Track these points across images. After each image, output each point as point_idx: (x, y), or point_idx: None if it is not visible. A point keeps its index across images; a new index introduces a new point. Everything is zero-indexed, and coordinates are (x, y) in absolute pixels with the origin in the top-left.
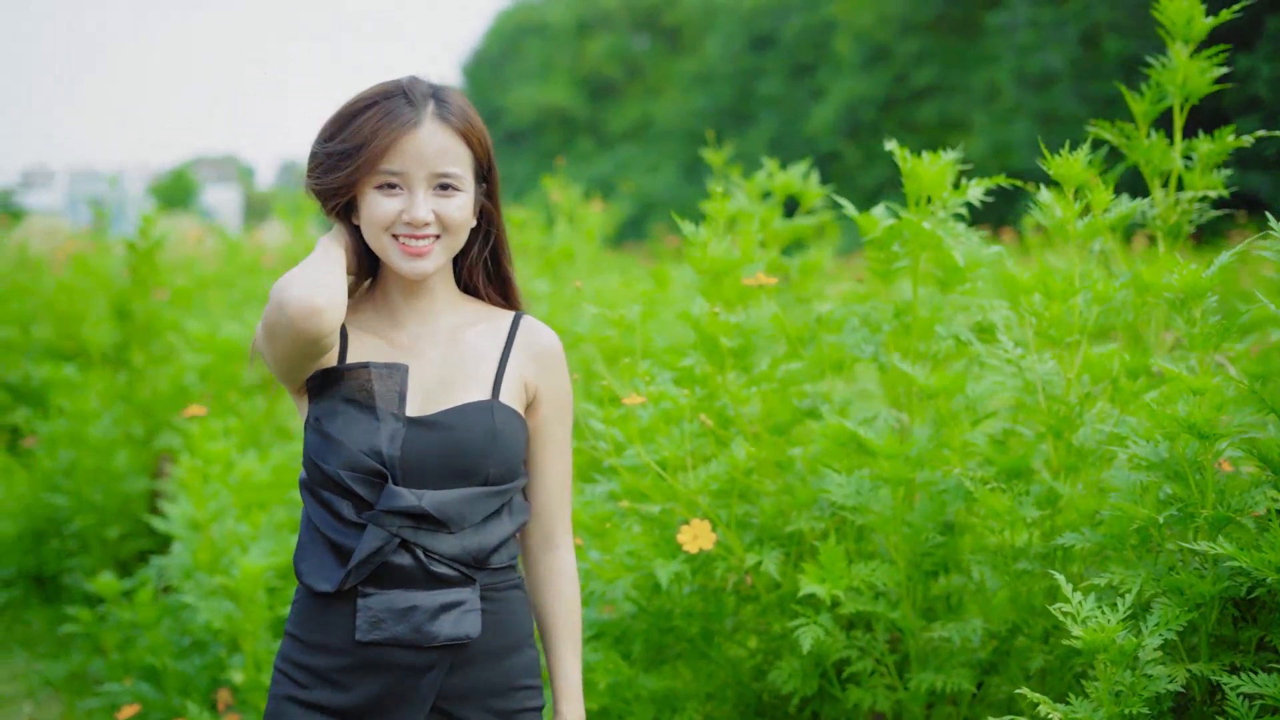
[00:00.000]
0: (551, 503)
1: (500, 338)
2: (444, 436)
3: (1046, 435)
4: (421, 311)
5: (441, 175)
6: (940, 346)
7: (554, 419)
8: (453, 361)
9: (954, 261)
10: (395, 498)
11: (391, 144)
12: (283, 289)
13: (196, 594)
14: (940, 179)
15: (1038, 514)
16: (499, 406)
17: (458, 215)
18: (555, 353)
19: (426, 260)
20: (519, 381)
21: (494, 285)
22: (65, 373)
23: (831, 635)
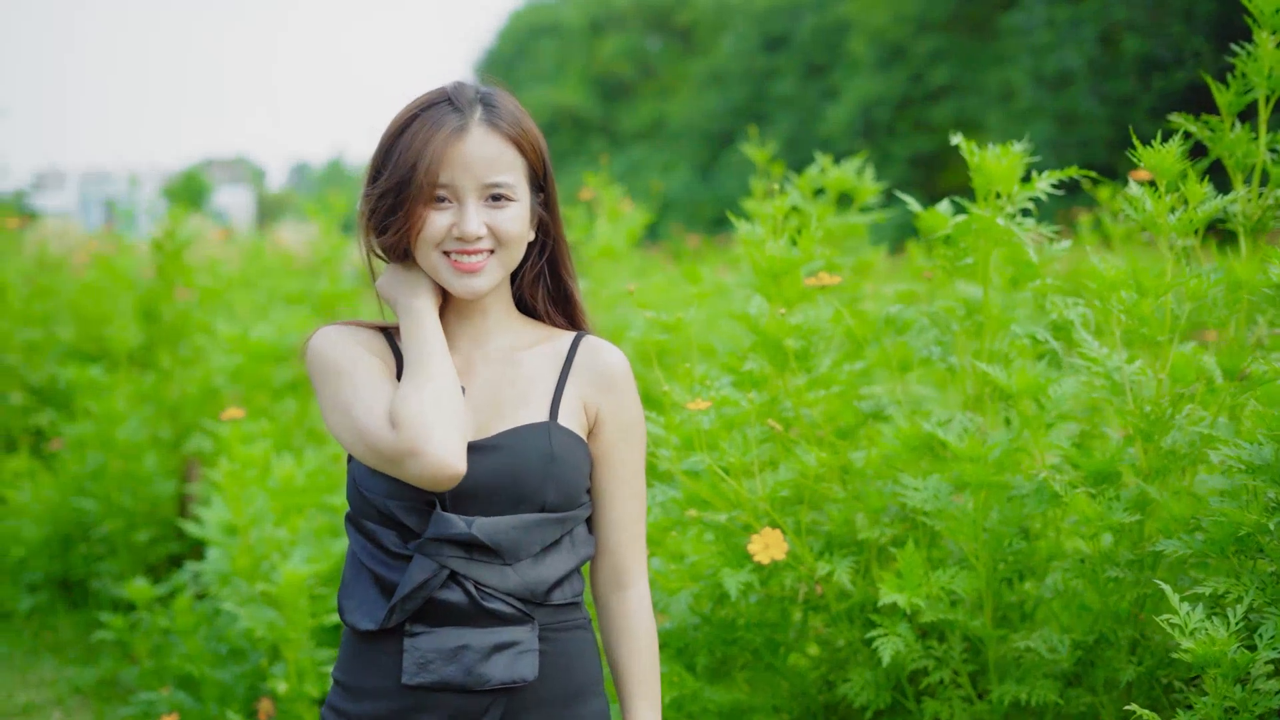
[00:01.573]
0: (621, 537)
1: (559, 359)
2: (498, 460)
3: (1135, 438)
4: (476, 332)
5: (492, 186)
6: (1014, 346)
7: (620, 444)
8: (507, 384)
9: (1026, 257)
10: (444, 524)
11: (438, 157)
12: (420, 437)
13: (235, 600)
14: (1010, 172)
15: (1130, 519)
16: (556, 429)
17: (512, 227)
18: (619, 373)
19: (480, 277)
20: (579, 404)
21: (555, 304)
22: (92, 374)
23: (909, 645)
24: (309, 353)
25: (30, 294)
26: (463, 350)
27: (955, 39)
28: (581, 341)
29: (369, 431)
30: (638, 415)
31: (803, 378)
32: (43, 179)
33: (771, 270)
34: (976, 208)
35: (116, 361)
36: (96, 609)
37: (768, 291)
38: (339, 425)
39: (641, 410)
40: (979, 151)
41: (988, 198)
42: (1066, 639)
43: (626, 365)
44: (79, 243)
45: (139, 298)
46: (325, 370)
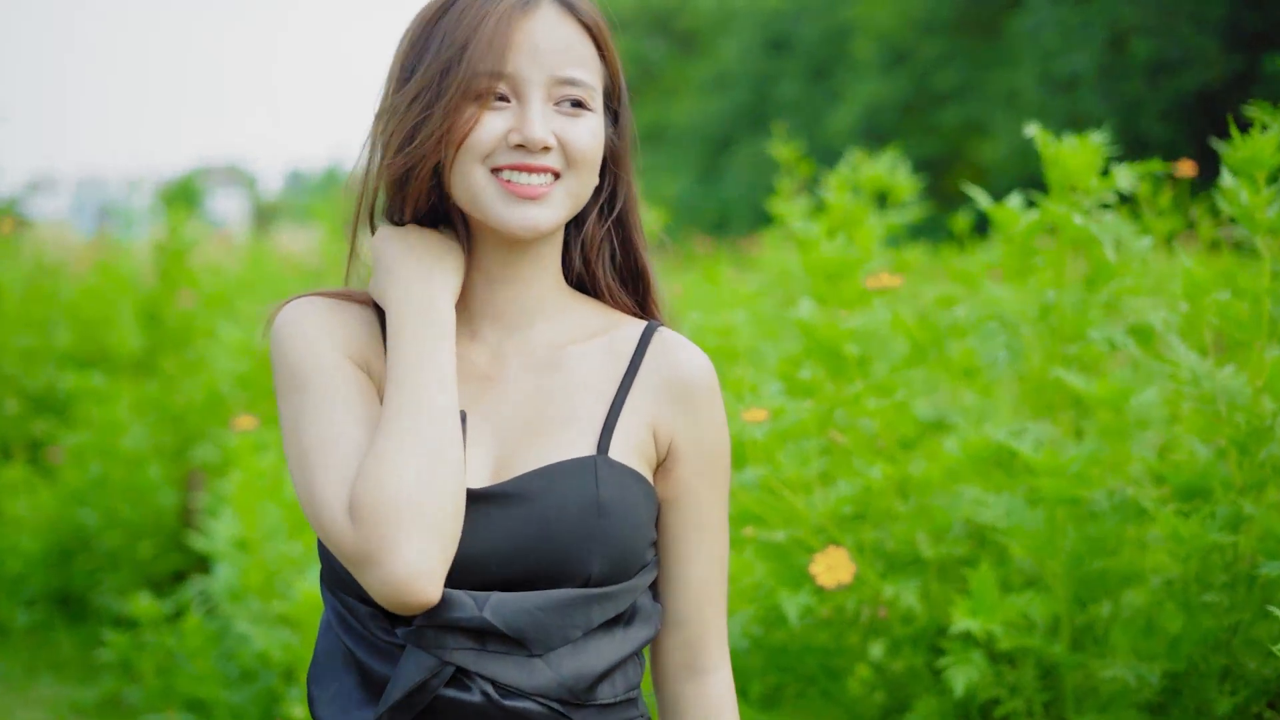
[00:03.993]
0: (698, 606)
1: (621, 360)
2: (523, 515)
3: (1229, 449)
4: (511, 314)
5: (567, 83)
6: (1090, 351)
7: (701, 483)
8: (548, 396)
9: (1104, 257)
10: (447, 607)
11: (500, 35)
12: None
13: (246, 619)
14: (1088, 165)
15: (1227, 538)
16: (607, 465)
17: (589, 142)
18: (702, 384)
19: (543, 206)
20: (645, 427)
21: (621, 277)
22: (94, 382)
23: (982, 674)
24: (272, 340)
25: (26, 299)
26: (490, 340)
27: (961, 42)
28: (654, 336)
29: (321, 512)
30: (724, 443)
31: (859, 385)
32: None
33: (827, 271)
34: (1049, 202)
35: (117, 367)
36: (97, 625)
37: (821, 294)
38: (293, 477)
39: (728, 435)
40: (1054, 143)
41: (1063, 192)
42: (1156, 668)
43: (712, 373)
44: (76, 248)
45: (140, 302)
46: (285, 380)
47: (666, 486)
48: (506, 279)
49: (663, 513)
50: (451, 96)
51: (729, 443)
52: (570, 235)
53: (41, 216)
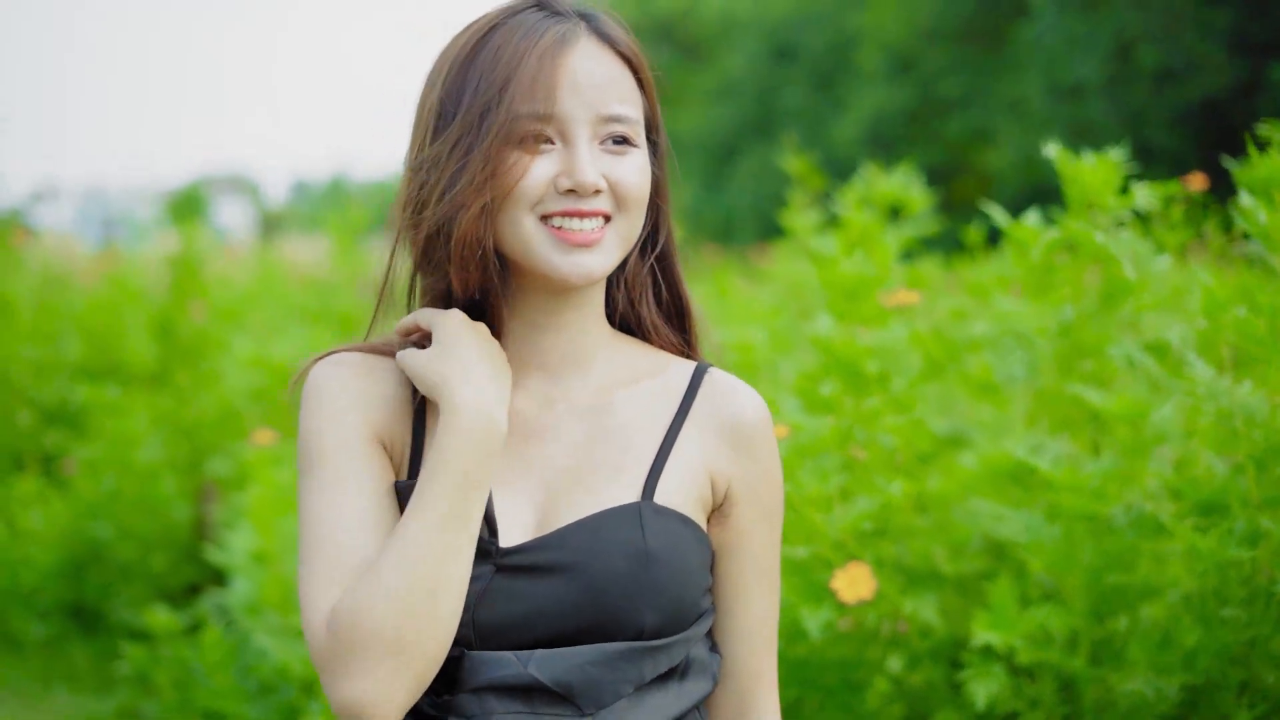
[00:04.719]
0: (751, 655)
1: (671, 403)
2: (567, 569)
3: (1247, 465)
4: (556, 361)
5: (612, 119)
6: (1106, 366)
7: (757, 529)
8: (596, 442)
9: (1122, 274)
10: (487, 667)
11: (543, 73)
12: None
13: (266, 633)
14: (1106, 182)
15: (1246, 554)
16: (654, 512)
17: (638, 181)
18: (758, 427)
19: (596, 252)
20: (698, 471)
21: (666, 314)
22: (108, 394)
23: (1003, 686)
24: (301, 402)
25: (38, 311)
26: (535, 388)
27: (966, 50)
28: (705, 378)
29: (304, 605)
30: (780, 486)
31: (877, 401)
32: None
33: (845, 288)
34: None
35: (129, 380)
36: (111, 638)
37: (839, 310)
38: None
39: (781, 478)
40: (1072, 160)
41: (1081, 209)
42: (1174, 681)
43: (767, 415)
44: (83, 259)
45: (153, 315)
46: (302, 452)
47: (722, 532)
48: (551, 326)
49: (718, 559)
50: (493, 141)
51: (783, 487)
52: (613, 275)
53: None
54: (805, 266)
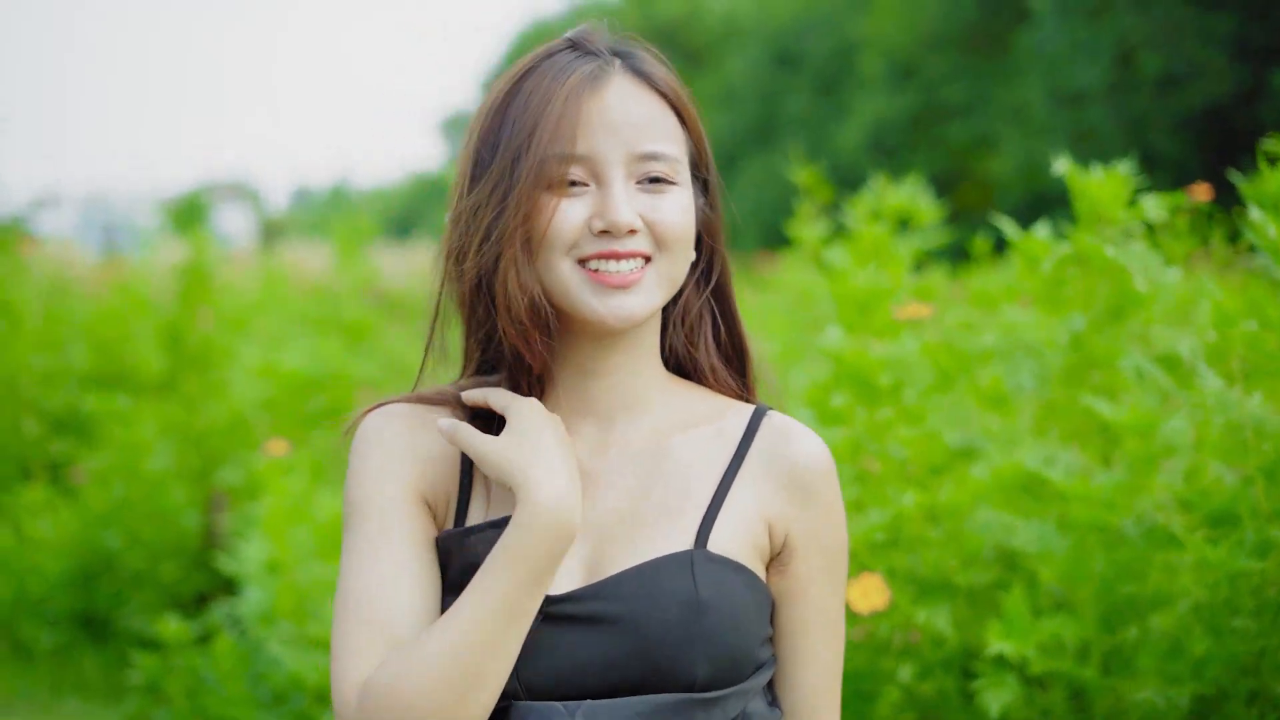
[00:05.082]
0: (812, 710)
1: (727, 448)
2: (617, 618)
3: (1257, 477)
4: (607, 408)
5: (648, 157)
6: (1116, 378)
7: (819, 579)
8: (649, 488)
9: (1132, 287)
10: (535, 717)
11: (569, 114)
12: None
13: (278, 642)
14: (1115, 195)
15: (1256, 565)
16: (706, 560)
17: (678, 220)
18: (820, 473)
19: (635, 294)
20: (755, 519)
21: (724, 356)
22: (117, 403)
23: (1015, 696)
24: (350, 454)
25: (45, 319)
26: (588, 435)
27: (968, 57)
28: (763, 422)
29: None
30: (843, 535)
31: (889, 412)
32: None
33: (857, 301)
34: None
35: (138, 389)
36: (121, 646)
37: (850, 322)
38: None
39: (846, 523)
40: (1081, 173)
41: (1090, 222)
42: (1185, 691)
43: (830, 460)
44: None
45: (162, 323)
46: (347, 506)
47: (781, 581)
48: (600, 371)
49: (777, 609)
50: (524, 185)
51: (846, 534)
52: (667, 316)
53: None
54: (813, 277)
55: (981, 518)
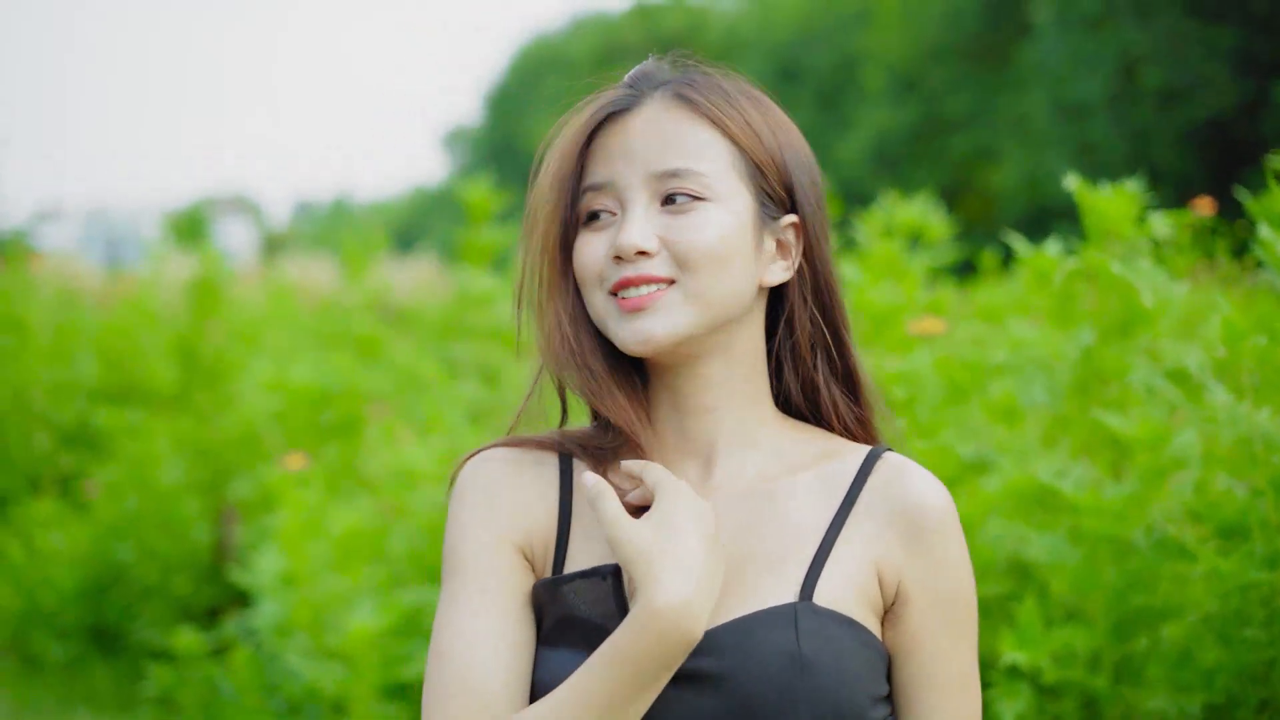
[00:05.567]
0: None
1: (838, 491)
2: (716, 674)
3: (1266, 490)
4: (706, 447)
5: (668, 175)
6: (1125, 392)
7: (937, 632)
8: (753, 535)
9: (1139, 303)
10: None
11: (586, 143)
12: None
13: (297, 654)
14: (1125, 213)
15: (1267, 576)
16: (811, 614)
17: (698, 238)
18: (936, 516)
19: (651, 315)
20: (867, 567)
21: (845, 388)
22: (129, 417)
23: (1029, 705)
24: (450, 502)
25: (54, 333)
26: (690, 477)
27: (971, 69)
28: (878, 463)
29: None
30: (965, 584)
31: (902, 426)
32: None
33: (872, 316)
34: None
35: (148, 402)
36: (132, 659)
37: (864, 337)
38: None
39: (971, 573)
40: (1090, 191)
41: (1100, 238)
42: (1195, 700)
43: (948, 503)
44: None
45: (172, 337)
46: (444, 556)
47: (897, 635)
48: (696, 408)
49: (895, 665)
50: (549, 224)
51: (972, 584)
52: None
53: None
54: None
55: (994, 529)
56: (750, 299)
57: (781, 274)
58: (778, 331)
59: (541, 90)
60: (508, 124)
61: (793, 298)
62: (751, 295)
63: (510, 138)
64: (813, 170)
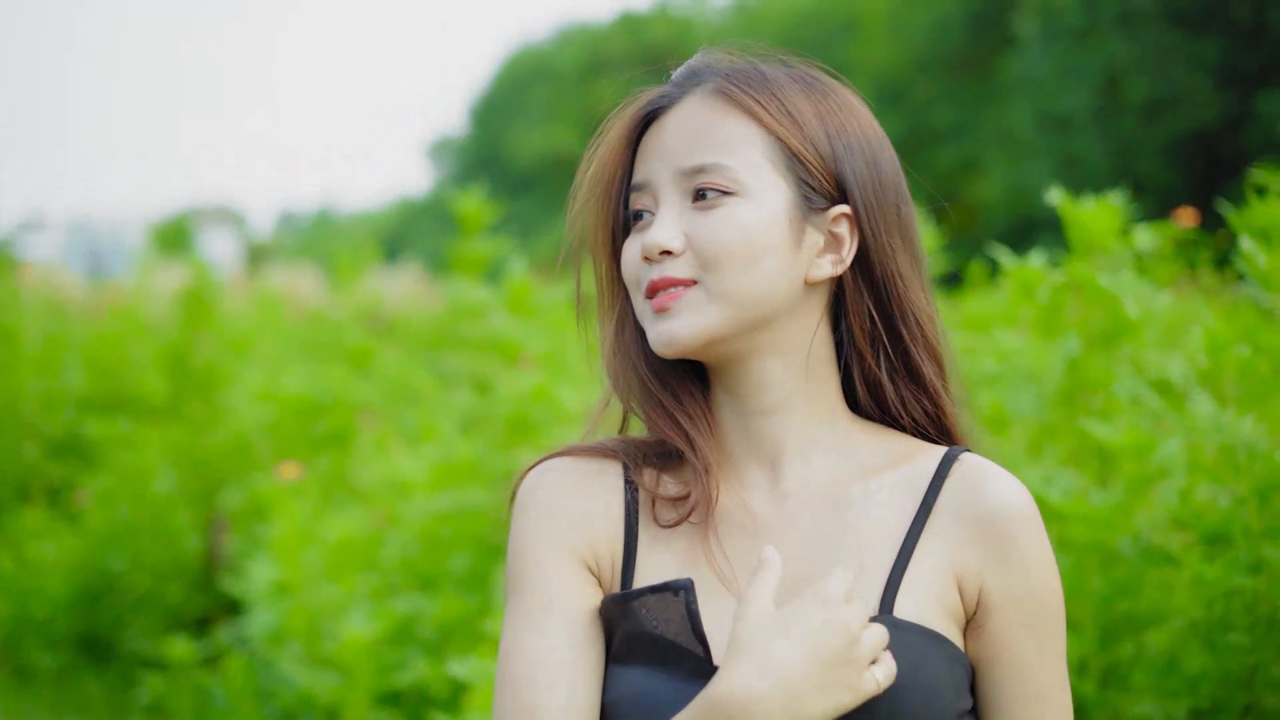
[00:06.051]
0: None
1: (914, 496)
2: None
3: (1249, 498)
4: (772, 450)
5: (694, 171)
6: (1110, 402)
7: (1023, 640)
8: (829, 544)
9: (1124, 314)
10: None
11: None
12: None
13: (291, 662)
14: (1108, 225)
15: (1250, 583)
16: (892, 628)
17: (718, 235)
18: (1017, 519)
19: (672, 317)
20: (947, 575)
21: (912, 395)
22: (120, 427)
23: None
24: (512, 515)
25: (43, 344)
26: (759, 482)
27: (955, 81)
28: (955, 465)
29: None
30: (1051, 589)
31: None
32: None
33: None
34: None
35: (138, 412)
36: (123, 668)
37: None
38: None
39: (1057, 576)
40: (1073, 204)
41: (1084, 251)
42: (1181, 706)
43: (1030, 505)
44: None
45: (162, 347)
46: (507, 570)
47: (980, 645)
48: (759, 409)
49: (979, 677)
50: (595, 228)
51: (1059, 588)
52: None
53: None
54: None
55: None
56: (791, 296)
57: (829, 268)
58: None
59: (527, 100)
60: (493, 134)
61: (848, 292)
62: (792, 292)
63: (496, 148)
64: (874, 158)
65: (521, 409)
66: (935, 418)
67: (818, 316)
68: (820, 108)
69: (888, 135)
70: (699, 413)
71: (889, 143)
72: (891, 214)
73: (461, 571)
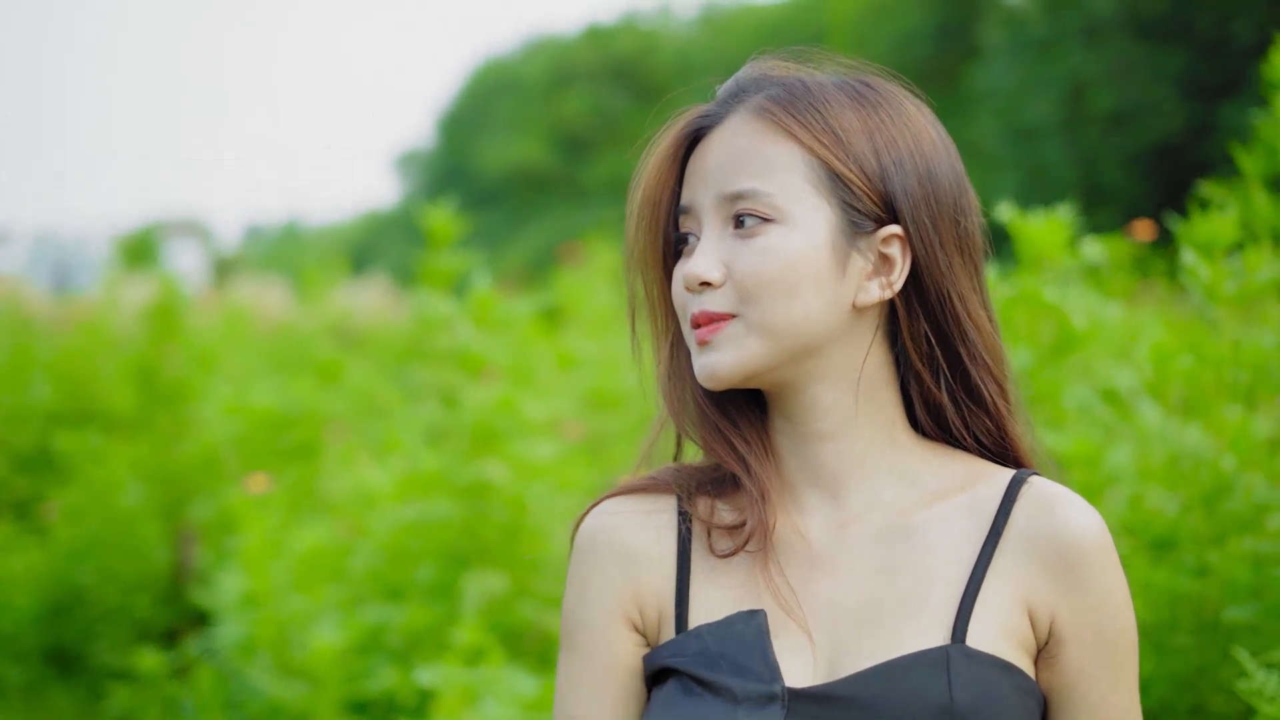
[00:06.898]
0: None
1: (983, 522)
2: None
3: (1195, 504)
4: (833, 476)
5: (734, 197)
6: (1058, 411)
7: (1096, 671)
8: (894, 571)
9: (1071, 327)
10: None
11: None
12: None
13: (260, 672)
14: (1056, 239)
15: (1197, 587)
16: (964, 658)
17: (756, 266)
18: (1090, 547)
19: (712, 351)
20: (1017, 605)
21: (973, 415)
22: (88, 441)
23: None
24: (571, 556)
25: (11, 357)
26: (819, 508)
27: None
28: (1023, 489)
29: None
30: (1124, 619)
31: None
32: None
33: None
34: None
35: (106, 426)
36: (92, 681)
37: None
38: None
39: (1130, 605)
40: (1020, 218)
41: (1033, 264)
42: None
43: (1103, 532)
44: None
45: (129, 360)
46: (562, 623)
47: (1052, 676)
48: (817, 435)
49: (1050, 707)
50: (643, 252)
51: (1132, 618)
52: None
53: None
54: None
55: None
56: (836, 323)
57: (877, 292)
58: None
59: (494, 112)
60: (460, 146)
61: (902, 313)
62: (838, 319)
63: (462, 160)
64: (928, 171)
65: (486, 420)
66: (998, 438)
67: (869, 340)
68: (869, 121)
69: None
70: (755, 438)
71: (952, 150)
72: (948, 230)
73: (428, 581)
